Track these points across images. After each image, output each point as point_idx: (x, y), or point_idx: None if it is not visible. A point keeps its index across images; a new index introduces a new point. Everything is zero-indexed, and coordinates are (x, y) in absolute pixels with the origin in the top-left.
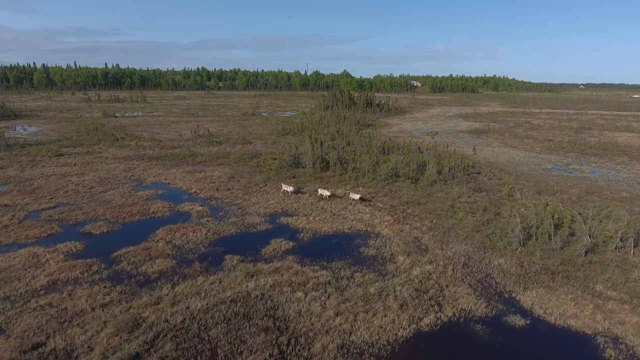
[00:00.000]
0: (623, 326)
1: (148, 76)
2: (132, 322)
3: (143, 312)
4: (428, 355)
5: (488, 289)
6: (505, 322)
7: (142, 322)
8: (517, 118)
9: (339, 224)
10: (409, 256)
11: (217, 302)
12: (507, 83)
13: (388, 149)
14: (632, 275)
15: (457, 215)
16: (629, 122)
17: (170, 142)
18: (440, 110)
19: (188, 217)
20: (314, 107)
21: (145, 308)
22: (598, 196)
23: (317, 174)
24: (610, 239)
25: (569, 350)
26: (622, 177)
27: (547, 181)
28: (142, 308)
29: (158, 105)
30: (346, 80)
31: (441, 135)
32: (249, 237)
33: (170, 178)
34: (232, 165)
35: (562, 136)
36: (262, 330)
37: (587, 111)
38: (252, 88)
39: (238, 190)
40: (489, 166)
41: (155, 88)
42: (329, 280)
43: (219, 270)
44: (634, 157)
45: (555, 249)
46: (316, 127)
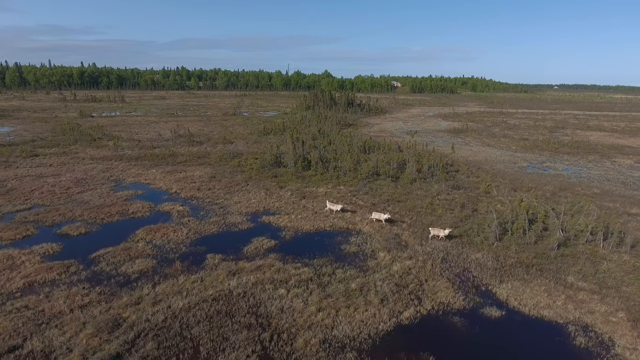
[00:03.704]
0: (592, 315)
1: (126, 75)
2: (112, 322)
3: (123, 312)
4: (408, 348)
5: (466, 282)
6: (482, 314)
7: (123, 322)
8: (494, 118)
9: (321, 221)
10: (389, 252)
11: (199, 301)
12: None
13: (369, 148)
14: (601, 267)
15: (436, 212)
16: (600, 121)
17: (150, 142)
18: (420, 110)
19: (169, 217)
20: (295, 107)
21: (125, 308)
22: (570, 192)
23: (298, 173)
24: (581, 233)
25: (542, 339)
26: (592, 174)
27: (522, 178)
28: (122, 308)
29: (137, 105)
30: (327, 81)
31: (421, 134)
32: (231, 236)
33: (150, 178)
34: (213, 164)
35: (537, 135)
36: (245, 327)
37: (561, 111)
38: (233, 88)
39: (219, 190)
40: (467, 164)
41: (134, 88)
42: (310, 277)
43: (200, 269)
44: (604, 155)
45: (530, 243)
46: (298, 126)
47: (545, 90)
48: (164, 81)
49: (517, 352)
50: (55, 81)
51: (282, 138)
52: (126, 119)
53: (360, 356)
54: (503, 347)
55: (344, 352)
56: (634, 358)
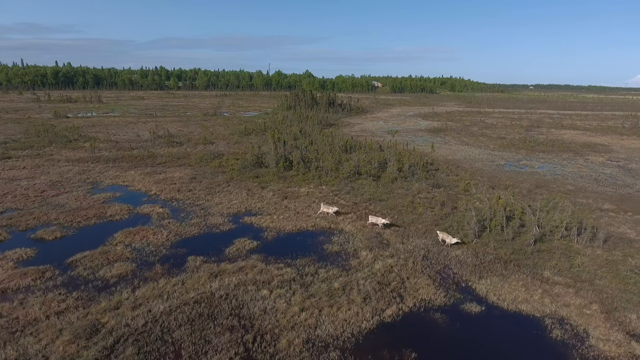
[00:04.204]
0: (568, 308)
1: (103, 75)
2: (90, 328)
3: (102, 318)
4: (391, 345)
5: (446, 279)
6: (463, 310)
7: (101, 327)
8: (472, 117)
9: (303, 221)
10: (371, 251)
11: (180, 304)
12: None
13: (350, 147)
14: (576, 261)
15: (417, 210)
16: (573, 120)
17: (128, 143)
18: (400, 110)
19: (148, 219)
20: (276, 107)
21: (104, 313)
22: (546, 189)
23: (280, 173)
24: (557, 229)
25: (520, 333)
26: (567, 171)
27: (500, 176)
28: (100, 313)
29: (114, 106)
30: (308, 81)
31: (401, 134)
32: (212, 238)
33: (128, 180)
34: (193, 165)
35: (513, 134)
36: (227, 330)
37: (536, 110)
38: (213, 88)
39: (200, 191)
40: (447, 163)
41: (111, 88)
42: (293, 277)
43: (181, 271)
44: (577, 152)
45: (507, 240)
46: (279, 126)
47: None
48: (142, 81)
49: (496, 346)
50: (29, 81)
51: (263, 138)
52: (103, 119)
53: (343, 355)
54: (483, 342)
55: (327, 352)
56: (607, 349)
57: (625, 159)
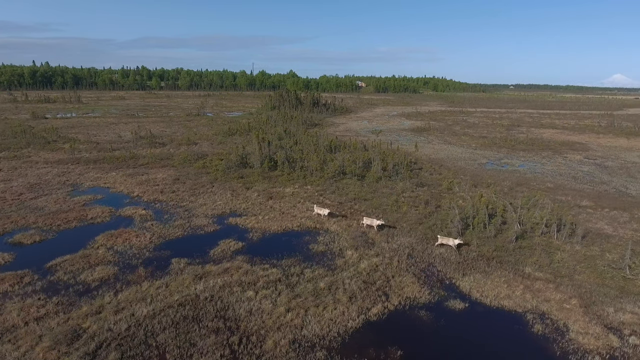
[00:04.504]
0: (548, 303)
1: (82, 75)
2: (71, 333)
3: (83, 323)
4: (377, 344)
5: (430, 277)
6: (447, 307)
7: (83, 332)
8: (454, 117)
9: (288, 222)
10: (356, 250)
11: (165, 307)
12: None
13: (335, 147)
14: (556, 257)
15: (402, 209)
16: (552, 119)
17: (109, 144)
18: (384, 110)
19: (130, 222)
20: (260, 107)
21: (85, 318)
22: (526, 187)
23: (265, 173)
24: (537, 226)
25: (503, 328)
26: (546, 169)
27: (482, 175)
28: (82, 318)
29: (94, 106)
30: (292, 81)
31: (385, 133)
32: (197, 239)
33: (109, 182)
34: (176, 166)
35: (494, 133)
36: (213, 332)
37: (517, 110)
38: (196, 88)
39: (184, 192)
40: (430, 162)
41: (91, 88)
42: (279, 278)
43: (165, 274)
44: (556, 151)
45: (490, 237)
46: (263, 127)
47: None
48: (124, 81)
49: (480, 342)
50: (5, 81)
51: (247, 138)
52: (83, 120)
53: (330, 354)
54: (467, 338)
55: (313, 351)
56: (586, 341)
57: (602, 156)
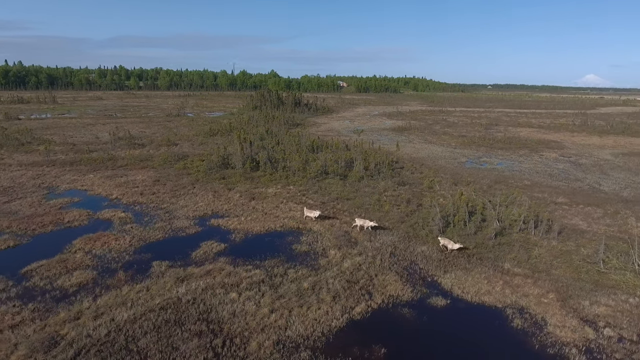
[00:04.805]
0: (527, 298)
1: (57, 75)
2: (48, 341)
3: (61, 329)
4: (361, 342)
5: (413, 274)
6: (429, 304)
7: (61, 339)
8: (435, 116)
9: (271, 222)
10: (339, 250)
11: (146, 311)
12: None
13: (317, 147)
14: (533, 253)
15: (384, 208)
16: (528, 118)
17: (86, 146)
18: (365, 110)
19: (109, 225)
20: (242, 107)
21: (63, 324)
22: (504, 185)
23: (247, 174)
24: (515, 222)
25: (484, 323)
26: (523, 167)
27: (462, 173)
28: (59, 325)
29: (70, 107)
30: (274, 81)
31: (367, 133)
32: (178, 242)
33: (87, 184)
34: (156, 168)
35: (473, 132)
36: (195, 335)
37: (494, 109)
38: (176, 88)
39: (164, 194)
40: (411, 161)
41: (67, 88)
42: (262, 279)
43: (146, 277)
44: (533, 149)
45: (470, 234)
46: (245, 127)
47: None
48: (101, 81)
49: (462, 337)
50: None
51: (229, 139)
52: (59, 121)
53: (314, 354)
54: (449, 334)
55: (298, 352)
56: (564, 334)
57: (576, 154)
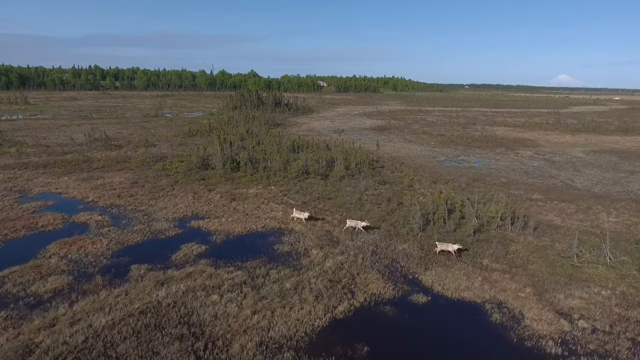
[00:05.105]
0: (505, 292)
1: (29, 74)
2: (22, 349)
3: (35, 337)
4: (344, 341)
5: (394, 272)
6: (411, 301)
7: (36, 348)
8: (414, 115)
9: (252, 223)
10: (322, 249)
11: (125, 316)
12: (405, 84)
13: (298, 147)
14: (511, 249)
15: (365, 207)
16: (504, 117)
17: (60, 148)
18: (345, 109)
19: (85, 228)
20: (221, 107)
21: (37, 332)
22: (482, 182)
23: (227, 174)
24: (493, 219)
25: (464, 318)
26: (500, 165)
27: (440, 171)
28: (34, 333)
29: (43, 107)
30: (254, 80)
31: (347, 132)
32: (158, 244)
33: (61, 187)
34: (134, 169)
35: (452, 131)
36: (177, 339)
37: (472, 108)
38: (154, 88)
39: (142, 196)
40: (391, 160)
41: (39, 88)
42: (244, 280)
43: (124, 281)
44: (509, 147)
45: (450, 231)
46: (225, 127)
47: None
48: (75, 81)
49: (443, 333)
50: None
51: (208, 139)
52: (31, 122)
53: (297, 355)
54: (431, 331)
55: (281, 353)
56: (540, 327)
57: (550, 152)
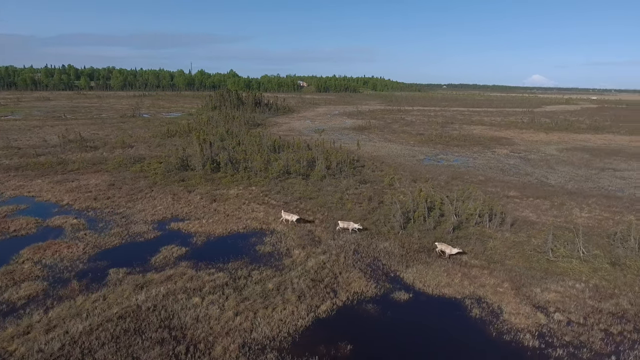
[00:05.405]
0: (484, 288)
1: None
2: None
3: (9, 346)
4: (327, 340)
5: (376, 271)
6: (392, 299)
7: (9, 356)
8: (393, 115)
9: (233, 224)
10: (303, 249)
11: (103, 321)
12: (384, 83)
13: (278, 147)
14: (489, 245)
15: (346, 206)
16: (481, 116)
17: (33, 149)
18: (326, 109)
19: (60, 232)
20: (200, 107)
21: (11, 340)
22: (460, 180)
23: (207, 175)
24: (471, 216)
25: (445, 314)
26: (477, 163)
27: (420, 170)
28: (7, 341)
29: (13, 108)
30: (233, 80)
31: (328, 132)
32: (136, 247)
33: (35, 190)
34: (111, 171)
35: (430, 130)
36: (157, 343)
37: (450, 108)
38: (131, 88)
39: (120, 198)
40: (372, 159)
41: (9, 88)
42: (226, 282)
43: (102, 286)
44: (486, 146)
45: (430, 229)
46: (204, 127)
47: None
48: (48, 80)
49: (424, 329)
50: None
51: (188, 140)
52: (1, 123)
53: (281, 355)
54: (413, 327)
55: (264, 354)
56: (518, 321)
57: (525, 150)
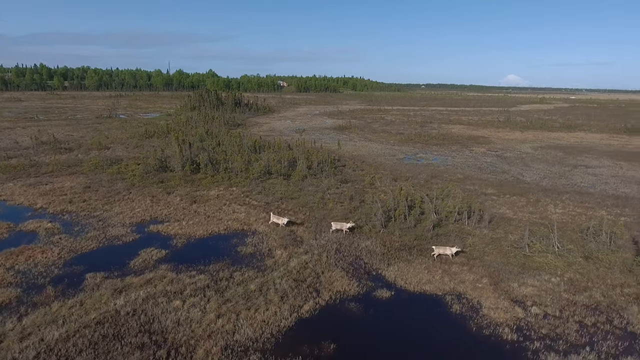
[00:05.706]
0: (464, 284)
1: None
2: None
3: None
4: (310, 340)
5: (358, 269)
6: (375, 297)
7: None
8: (373, 115)
9: (214, 225)
10: (286, 249)
11: (80, 327)
12: (364, 83)
13: (259, 147)
14: (468, 242)
15: (328, 206)
16: (459, 116)
17: (4, 152)
18: (306, 109)
19: (34, 237)
20: (179, 107)
21: None
22: (440, 179)
23: (187, 177)
24: (451, 214)
25: (426, 311)
26: (456, 161)
27: (400, 169)
28: None
29: None
30: (212, 80)
31: (309, 132)
32: (114, 251)
33: (6, 194)
34: (87, 173)
35: (410, 130)
36: (137, 348)
37: (428, 107)
38: (107, 88)
39: (96, 201)
40: (353, 159)
41: None
42: (207, 284)
43: (79, 291)
44: (464, 144)
45: (410, 227)
46: (183, 128)
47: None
48: (19, 80)
49: (406, 326)
50: None
51: (166, 141)
52: None
53: (264, 356)
54: (395, 325)
55: (247, 355)
56: (497, 315)
57: (502, 148)
